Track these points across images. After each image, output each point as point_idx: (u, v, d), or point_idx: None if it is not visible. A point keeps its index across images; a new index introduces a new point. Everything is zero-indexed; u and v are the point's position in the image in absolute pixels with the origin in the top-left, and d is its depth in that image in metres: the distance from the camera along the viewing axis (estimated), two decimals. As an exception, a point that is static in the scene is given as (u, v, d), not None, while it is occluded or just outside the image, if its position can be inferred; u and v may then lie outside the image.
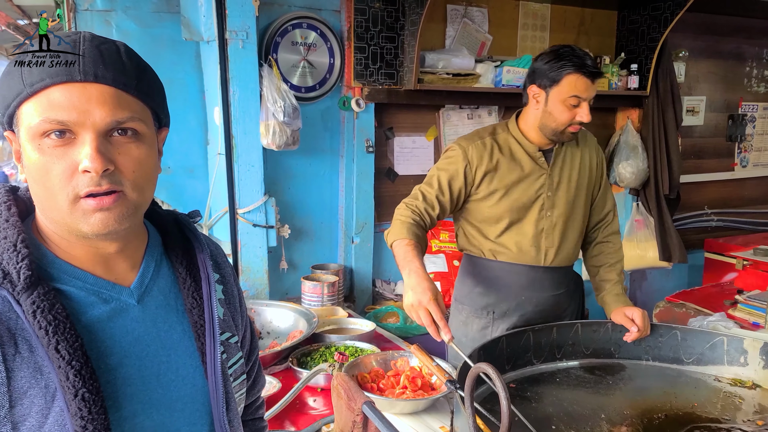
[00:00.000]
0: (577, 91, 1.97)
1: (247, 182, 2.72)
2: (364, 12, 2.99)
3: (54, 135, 0.81)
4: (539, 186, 2.10)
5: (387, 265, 3.36)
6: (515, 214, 2.09)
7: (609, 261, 2.22)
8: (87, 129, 0.81)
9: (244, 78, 2.64)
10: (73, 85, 0.81)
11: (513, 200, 2.09)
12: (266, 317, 2.49)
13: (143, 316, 0.92)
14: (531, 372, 1.99)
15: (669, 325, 2.10)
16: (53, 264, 0.88)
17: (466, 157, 2.07)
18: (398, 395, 1.80)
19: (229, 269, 1.10)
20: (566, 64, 1.97)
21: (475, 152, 2.07)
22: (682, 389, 1.89)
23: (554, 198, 2.11)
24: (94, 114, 0.82)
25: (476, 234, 2.16)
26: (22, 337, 0.81)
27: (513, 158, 2.10)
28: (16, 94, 0.82)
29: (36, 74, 0.81)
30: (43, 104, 0.81)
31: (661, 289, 4.24)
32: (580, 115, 1.99)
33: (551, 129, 2.04)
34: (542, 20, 3.58)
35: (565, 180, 2.13)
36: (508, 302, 2.16)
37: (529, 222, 2.10)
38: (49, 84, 0.81)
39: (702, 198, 4.48)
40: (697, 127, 4.38)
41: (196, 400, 0.95)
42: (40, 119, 0.80)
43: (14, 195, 0.93)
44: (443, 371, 1.70)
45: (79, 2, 2.58)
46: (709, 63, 4.33)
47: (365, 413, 1.25)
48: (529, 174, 2.09)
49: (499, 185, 2.08)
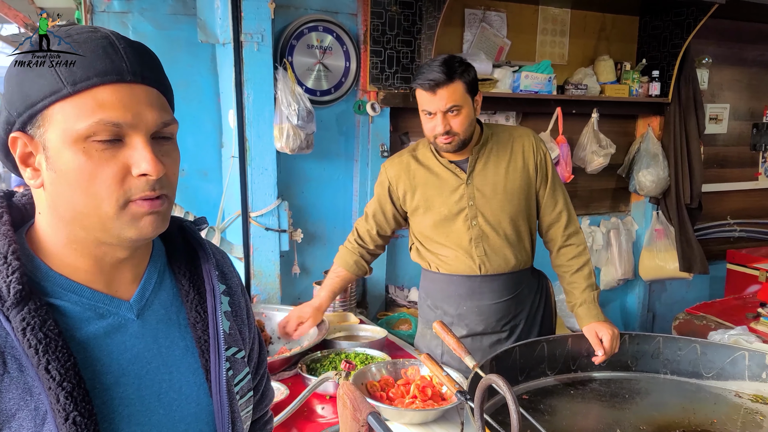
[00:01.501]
0: (423, 105, 1.99)
1: (260, 186, 2.70)
2: (380, 15, 2.97)
3: (104, 136, 0.78)
4: (459, 197, 2.09)
5: (400, 271, 3.32)
6: (442, 226, 2.11)
7: (573, 266, 2.14)
8: (139, 131, 0.79)
9: (259, 81, 2.62)
10: (123, 86, 0.79)
11: (436, 213, 2.11)
12: (277, 322, 2.46)
13: (143, 331, 0.87)
14: (545, 384, 1.95)
15: (688, 338, 2.04)
16: (47, 277, 0.83)
17: (387, 178, 2.19)
18: (407, 405, 1.76)
19: (236, 279, 1.05)
20: (414, 79, 2.00)
21: (393, 171, 2.17)
22: (701, 405, 1.84)
23: (477, 207, 2.08)
24: (145, 116, 0.80)
25: (421, 247, 2.22)
26: (12, 356, 0.77)
27: (430, 172, 2.12)
28: (50, 93, 0.77)
29: (80, 72, 0.77)
30: (90, 105, 0.77)
31: (681, 301, 4.17)
32: (437, 127, 1.97)
33: (429, 140, 2.07)
34: (562, 25, 3.54)
35: (489, 187, 2.08)
36: (451, 313, 2.17)
37: (458, 233, 2.10)
38: (97, 83, 0.77)
39: (725, 208, 4.39)
40: (720, 136, 4.30)
41: (200, 420, 0.91)
42: (93, 121, 0.76)
43: (8, 202, 0.88)
44: (453, 381, 1.66)
45: (96, 4, 2.59)
46: (733, 70, 4.25)
47: (370, 424, 1.22)
48: (448, 186, 2.09)
49: (420, 199, 2.13)
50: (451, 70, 1.93)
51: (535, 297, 2.24)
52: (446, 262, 2.14)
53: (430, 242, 2.17)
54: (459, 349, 1.71)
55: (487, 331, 2.14)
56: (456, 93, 1.94)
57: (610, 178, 3.93)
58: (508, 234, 2.10)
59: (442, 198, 2.10)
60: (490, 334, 2.14)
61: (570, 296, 2.15)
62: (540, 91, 3.25)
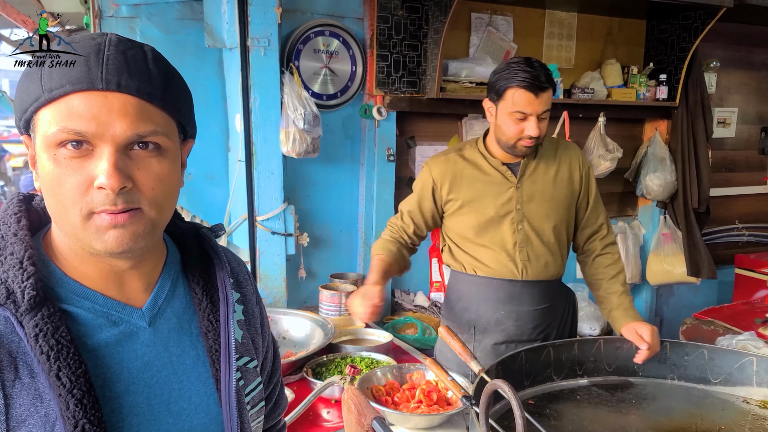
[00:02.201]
0: (520, 106, 1.94)
1: (267, 189, 2.71)
2: (387, 20, 2.98)
3: (70, 146, 0.76)
4: (507, 199, 2.07)
5: (406, 275, 3.32)
6: (485, 227, 2.09)
7: (610, 273, 2.15)
8: (106, 142, 0.76)
9: (265, 85, 2.63)
10: (95, 94, 0.76)
11: (481, 213, 2.08)
12: (283, 326, 2.47)
13: (154, 339, 0.87)
14: (551, 388, 1.93)
15: (696, 343, 2.03)
16: (61, 283, 0.83)
17: (431, 176, 2.13)
18: (413, 410, 1.76)
19: (251, 288, 1.04)
20: (509, 78, 1.94)
21: (438, 169, 2.12)
22: (709, 411, 1.82)
23: (524, 211, 2.07)
24: (114, 126, 0.76)
25: (456, 249, 2.18)
26: (24, 362, 0.77)
27: (480, 171, 2.10)
28: (34, 99, 0.77)
29: (56, 79, 0.76)
30: (62, 112, 0.75)
31: (689, 306, 4.14)
32: (528, 129, 1.95)
33: (503, 143, 2.03)
34: (569, 29, 3.53)
35: (538, 193, 2.09)
36: (488, 317, 2.14)
37: (502, 236, 2.08)
38: (69, 91, 0.75)
39: (733, 212, 4.37)
40: (728, 140, 4.27)
41: (209, 430, 0.90)
42: (58, 128, 0.75)
43: (27, 205, 0.88)
44: (459, 386, 1.65)
45: (104, 9, 2.61)
46: (741, 74, 4.23)
47: (375, 429, 1.22)
48: (497, 187, 2.08)
49: (465, 199, 2.10)
50: (549, 74, 1.96)
51: (565, 308, 2.24)
52: (486, 264, 2.11)
53: (468, 244, 2.13)
54: (464, 353, 1.71)
55: (522, 338, 2.12)
56: (551, 98, 1.97)
57: (617, 182, 3.91)
58: (550, 242, 2.10)
59: (489, 199, 2.08)
60: (525, 342, 2.10)
61: (606, 302, 2.14)
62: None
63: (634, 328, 2.00)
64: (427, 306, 3.17)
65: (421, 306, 3.17)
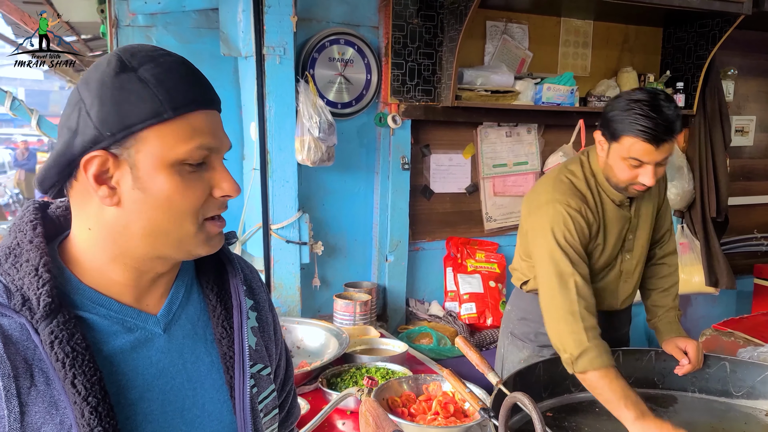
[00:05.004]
0: (636, 155, 1.74)
1: (281, 198, 2.71)
2: (402, 28, 2.97)
3: (195, 161, 0.82)
4: (624, 230, 1.96)
5: (421, 284, 3.30)
6: (608, 263, 1.97)
7: (663, 285, 2.10)
8: (219, 155, 0.86)
9: (281, 93, 2.63)
10: (209, 112, 0.84)
11: (608, 250, 1.95)
12: (297, 335, 2.46)
13: (169, 346, 0.87)
14: (569, 400, 1.91)
15: (717, 355, 1.99)
16: (77, 290, 0.83)
17: (585, 223, 1.85)
18: (429, 422, 1.74)
19: (264, 295, 1.04)
20: (628, 123, 1.71)
21: (590, 213, 1.87)
22: (731, 424, 1.79)
23: (634, 240, 1.99)
24: (225, 141, 0.87)
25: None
26: (39, 369, 0.77)
27: (609, 209, 1.93)
28: (150, 116, 0.77)
29: (181, 97, 0.80)
30: (187, 130, 0.80)
31: (707, 316, 4.08)
32: (643, 177, 1.77)
33: (613, 183, 1.87)
34: (584, 37, 3.51)
35: (643, 218, 2.00)
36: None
37: (615, 269, 1.99)
38: (194, 110, 0.81)
39: (751, 221, 4.31)
40: (746, 148, 4.22)
41: None
42: (192, 146, 0.80)
43: (43, 213, 0.88)
44: (476, 398, 1.63)
45: (121, 18, 2.62)
46: (759, 81, 4.18)
47: (393, 442, 1.20)
48: (620, 220, 1.94)
49: (601, 239, 1.93)
50: (676, 118, 1.72)
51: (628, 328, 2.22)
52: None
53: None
54: (482, 365, 1.69)
55: None
56: (673, 145, 1.77)
57: (633, 190, 3.87)
58: (643, 265, 2.05)
59: (614, 233, 1.92)
60: None
61: (650, 312, 2.10)
62: (562, 103, 3.22)
63: (676, 342, 1.96)
64: (442, 315, 3.14)
65: (436, 315, 3.15)
